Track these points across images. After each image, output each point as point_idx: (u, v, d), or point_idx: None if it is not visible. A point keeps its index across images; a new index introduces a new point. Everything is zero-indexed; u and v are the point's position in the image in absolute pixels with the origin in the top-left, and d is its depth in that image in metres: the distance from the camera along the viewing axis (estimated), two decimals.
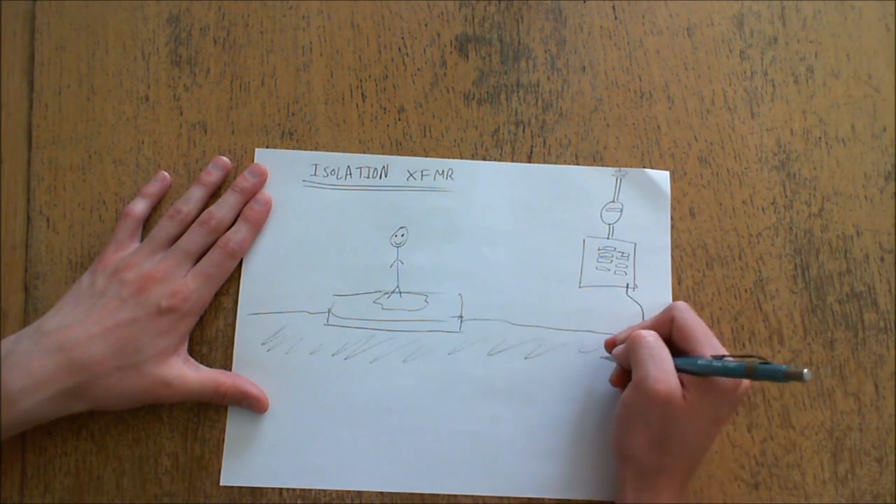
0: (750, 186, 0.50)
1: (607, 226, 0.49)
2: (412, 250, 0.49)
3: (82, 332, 0.43)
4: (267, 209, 0.48)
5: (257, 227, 0.48)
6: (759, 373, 0.38)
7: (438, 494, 0.46)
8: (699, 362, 0.40)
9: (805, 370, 0.36)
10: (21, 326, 0.47)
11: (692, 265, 0.49)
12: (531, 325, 0.48)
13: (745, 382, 0.42)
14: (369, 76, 0.51)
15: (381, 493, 0.46)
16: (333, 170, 0.50)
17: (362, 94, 0.51)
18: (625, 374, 0.45)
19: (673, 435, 0.40)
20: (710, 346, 0.42)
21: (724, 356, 0.40)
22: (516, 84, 0.51)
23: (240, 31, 0.51)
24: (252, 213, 0.48)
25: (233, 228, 0.47)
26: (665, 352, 0.42)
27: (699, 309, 0.49)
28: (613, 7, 0.52)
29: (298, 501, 0.46)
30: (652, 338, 0.42)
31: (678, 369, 0.41)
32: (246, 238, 0.47)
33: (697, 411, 0.40)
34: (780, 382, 0.38)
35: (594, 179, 0.50)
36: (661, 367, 0.41)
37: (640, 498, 0.41)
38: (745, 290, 0.49)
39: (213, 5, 0.51)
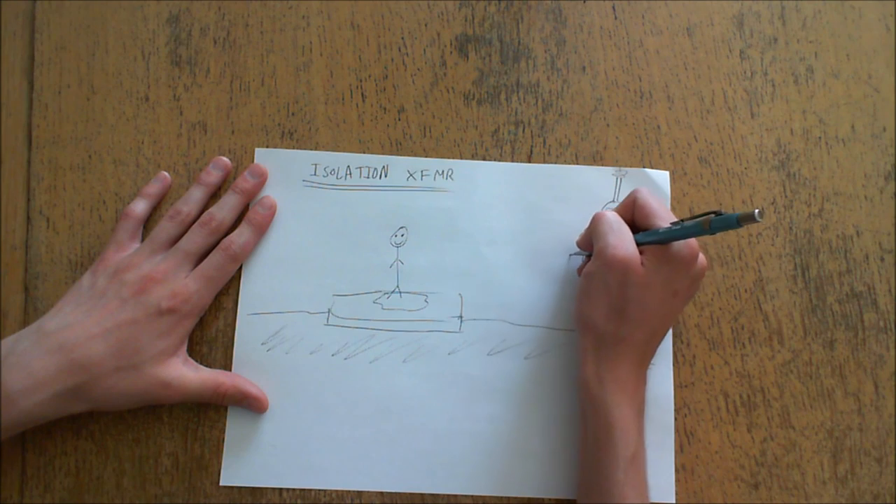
0: (750, 186, 0.50)
1: None
2: (412, 250, 0.49)
3: (83, 333, 0.43)
4: (271, 214, 0.48)
5: (261, 231, 0.48)
6: (715, 224, 0.38)
7: (438, 494, 0.46)
8: (659, 231, 0.42)
9: (756, 210, 0.36)
10: (21, 326, 0.47)
11: None
12: (531, 325, 0.48)
13: (702, 258, 0.43)
14: (369, 76, 0.51)
15: (381, 493, 0.46)
16: (333, 170, 0.50)
17: (362, 94, 0.51)
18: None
19: (631, 301, 0.41)
20: (669, 220, 0.43)
21: (681, 220, 0.41)
22: (516, 84, 0.51)
23: (240, 31, 0.51)
24: (257, 216, 0.48)
25: (236, 231, 0.47)
26: (623, 225, 0.43)
27: (699, 309, 0.49)
28: (613, 7, 0.52)
29: (298, 501, 0.46)
30: (611, 214, 0.44)
31: (639, 243, 0.42)
32: (249, 242, 0.47)
33: (655, 278, 0.41)
34: (736, 229, 0.39)
35: (594, 179, 0.50)
36: (619, 237, 0.42)
37: (600, 369, 0.42)
38: (745, 290, 0.49)
39: (213, 5, 0.51)
